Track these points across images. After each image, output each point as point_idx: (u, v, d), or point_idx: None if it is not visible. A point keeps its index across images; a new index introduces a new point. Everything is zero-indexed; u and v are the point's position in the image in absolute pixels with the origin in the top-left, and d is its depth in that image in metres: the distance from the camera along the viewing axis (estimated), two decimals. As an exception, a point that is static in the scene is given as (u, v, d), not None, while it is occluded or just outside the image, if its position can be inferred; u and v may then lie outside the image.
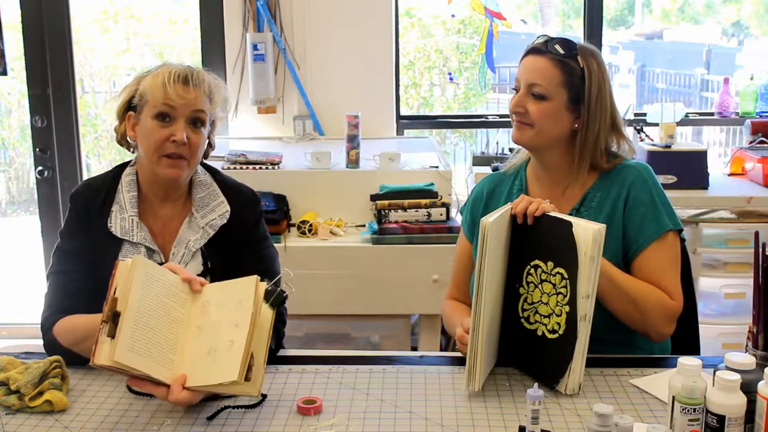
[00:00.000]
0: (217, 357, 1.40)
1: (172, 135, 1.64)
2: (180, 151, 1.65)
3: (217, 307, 1.46)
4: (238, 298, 1.44)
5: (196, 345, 1.43)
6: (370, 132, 3.42)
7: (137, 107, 1.69)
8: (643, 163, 1.82)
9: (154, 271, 1.45)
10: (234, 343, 1.39)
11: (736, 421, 1.21)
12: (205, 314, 1.46)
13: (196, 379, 1.40)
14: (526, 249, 1.58)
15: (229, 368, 1.38)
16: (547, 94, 1.72)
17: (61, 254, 1.72)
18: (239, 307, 1.42)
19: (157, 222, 1.75)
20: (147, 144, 1.67)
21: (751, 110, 3.74)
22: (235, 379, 1.37)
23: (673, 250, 1.74)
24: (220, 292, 1.48)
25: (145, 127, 1.67)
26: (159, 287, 1.44)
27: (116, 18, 5.67)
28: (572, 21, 6.33)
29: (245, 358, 1.38)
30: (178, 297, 1.47)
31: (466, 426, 1.39)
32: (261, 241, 1.79)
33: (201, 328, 1.45)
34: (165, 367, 1.40)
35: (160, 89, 1.63)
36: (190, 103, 1.65)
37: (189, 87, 1.65)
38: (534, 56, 1.75)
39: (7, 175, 6.39)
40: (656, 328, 1.69)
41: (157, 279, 1.45)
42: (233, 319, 1.42)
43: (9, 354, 1.63)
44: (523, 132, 1.76)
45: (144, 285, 1.42)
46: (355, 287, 2.83)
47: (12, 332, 4.05)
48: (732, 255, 3.14)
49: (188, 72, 1.66)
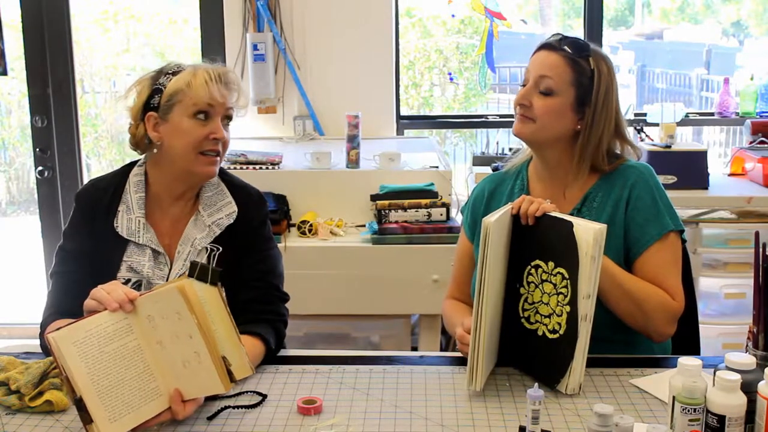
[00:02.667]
0: (193, 369, 1.39)
1: (212, 132, 1.68)
2: (218, 147, 1.70)
3: (163, 320, 1.39)
4: (174, 308, 1.38)
5: (167, 360, 1.40)
6: (370, 132, 3.43)
7: (161, 107, 1.68)
8: (645, 164, 1.82)
9: (78, 335, 1.34)
10: (200, 355, 1.38)
11: (737, 421, 1.21)
12: (156, 328, 1.40)
13: (189, 391, 1.40)
14: (527, 249, 1.58)
15: (211, 381, 1.38)
16: (556, 89, 1.72)
17: (63, 254, 1.72)
18: (181, 318, 1.38)
19: (165, 221, 1.75)
20: (184, 142, 1.67)
21: (751, 110, 3.74)
22: (223, 391, 1.38)
23: (675, 250, 1.74)
24: (154, 303, 1.40)
25: (179, 127, 1.67)
26: (93, 345, 1.35)
27: (116, 18, 5.67)
28: (572, 21, 6.32)
29: (219, 367, 1.37)
30: (121, 331, 1.38)
31: (466, 426, 1.39)
32: (266, 241, 1.80)
33: (161, 343, 1.40)
34: (155, 400, 1.39)
35: (203, 88, 1.66)
36: (227, 101, 1.70)
37: (228, 86, 1.70)
38: (547, 51, 1.75)
39: (7, 175, 6.39)
40: (657, 329, 1.69)
41: (85, 340, 1.35)
42: (183, 330, 1.38)
43: (9, 354, 1.63)
44: (524, 125, 1.76)
45: (80, 356, 1.33)
46: (355, 287, 2.83)
47: (12, 332, 4.05)
48: (732, 255, 3.14)
49: (222, 71, 1.71)
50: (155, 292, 1.41)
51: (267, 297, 1.74)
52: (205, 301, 1.39)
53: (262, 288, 1.74)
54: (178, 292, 1.37)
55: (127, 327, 1.39)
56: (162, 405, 1.39)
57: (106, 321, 1.38)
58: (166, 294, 1.39)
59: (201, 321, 1.38)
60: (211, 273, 1.40)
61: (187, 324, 1.38)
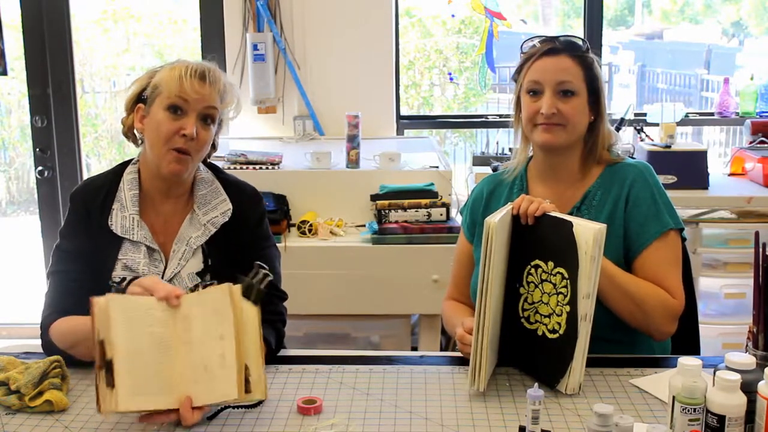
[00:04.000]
0: (213, 372, 1.39)
1: (182, 128, 1.64)
2: (187, 146, 1.65)
3: (198, 321, 1.41)
4: (214, 308, 1.40)
5: (189, 362, 1.41)
6: (370, 132, 3.42)
7: (148, 99, 1.68)
8: (644, 162, 1.83)
9: (130, 305, 1.40)
10: (225, 357, 1.38)
11: (736, 421, 1.21)
12: (188, 330, 1.42)
13: (201, 397, 1.40)
14: (527, 249, 1.58)
15: (227, 385, 1.38)
16: (576, 90, 1.74)
17: (60, 254, 1.72)
18: (218, 318, 1.39)
19: (158, 219, 1.74)
20: (155, 135, 1.66)
21: (751, 110, 3.74)
22: (235, 397, 1.38)
23: (675, 248, 1.74)
24: (197, 303, 1.43)
25: (155, 119, 1.66)
26: (140, 320, 1.40)
27: (116, 18, 5.67)
28: (572, 21, 6.32)
29: (240, 372, 1.37)
30: (160, 320, 1.41)
31: (466, 426, 1.39)
32: (263, 240, 1.79)
33: (189, 344, 1.41)
34: (169, 395, 1.39)
35: (176, 81, 1.63)
36: (203, 98, 1.65)
37: (205, 83, 1.65)
38: (552, 57, 1.75)
39: (7, 175, 6.39)
40: (658, 327, 1.69)
41: (135, 312, 1.39)
42: (216, 331, 1.39)
43: (9, 354, 1.63)
44: (556, 134, 1.74)
45: (125, 323, 1.37)
46: (355, 287, 2.83)
47: (12, 332, 4.05)
48: (732, 255, 3.14)
49: (205, 68, 1.67)
50: (202, 292, 1.44)
51: (266, 297, 1.74)
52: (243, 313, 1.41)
53: (260, 288, 1.73)
54: (227, 291, 1.40)
55: (165, 321, 1.42)
56: (172, 404, 1.39)
57: (153, 305, 1.42)
58: (213, 291, 1.42)
59: (236, 324, 1.39)
60: (256, 292, 1.43)
61: (222, 324, 1.39)
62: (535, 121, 1.75)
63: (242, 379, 1.38)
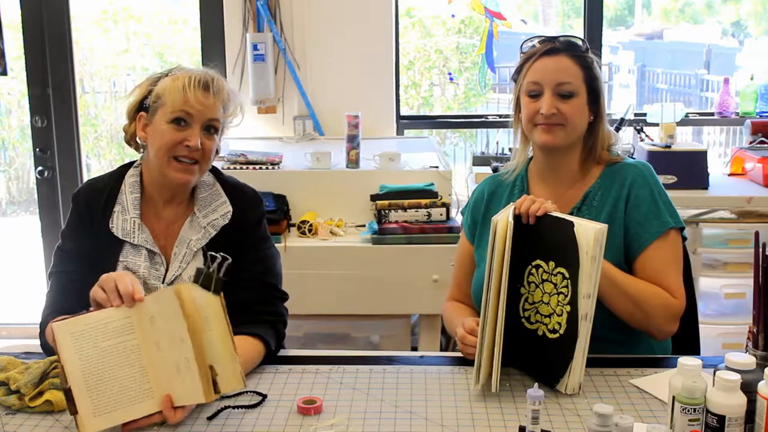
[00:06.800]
0: (183, 374, 1.39)
1: (186, 140, 1.64)
2: (193, 155, 1.66)
3: (163, 321, 1.40)
4: (173, 309, 1.39)
5: (162, 363, 1.40)
6: (370, 132, 3.42)
7: (150, 108, 1.68)
8: (644, 162, 1.83)
9: (78, 327, 1.37)
10: (189, 361, 1.38)
11: (736, 421, 1.21)
12: (156, 329, 1.40)
13: (179, 397, 1.39)
14: (528, 249, 1.57)
15: (194, 389, 1.37)
16: (575, 91, 1.74)
17: (61, 254, 1.72)
18: (177, 319, 1.38)
19: (160, 223, 1.74)
20: (158, 145, 1.66)
21: (751, 110, 3.74)
22: (203, 401, 1.38)
23: (675, 248, 1.74)
24: (156, 303, 1.41)
25: (158, 129, 1.66)
26: (91, 338, 1.38)
27: (116, 18, 5.67)
28: (572, 21, 6.33)
29: (204, 376, 1.37)
30: (122, 328, 1.40)
31: (466, 426, 1.39)
32: (262, 241, 1.79)
33: (158, 344, 1.40)
34: (145, 401, 1.39)
35: (179, 93, 1.63)
36: (207, 110, 1.65)
37: (209, 94, 1.65)
38: (552, 57, 1.75)
39: (7, 175, 6.39)
40: (659, 327, 1.69)
41: (83, 331, 1.37)
42: (178, 333, 1.38)
43: (9, 354, 1.63)
44: (555, 134, 1.74)
45: (74, 346, 1.36)
46: (355, 287, 2.83)
47: (12, 332, 4.05)
48: (732, 255, 3.14)
49: (208, 78, 1.66)
50: (156, 293, 1.42)
51: (266, 297, 1.74)
52: (202, 307, 1.39)
53: (260, 288, 1.74)
54: (174, 293, 1.38)
55: (129, 326, 1.40)
56: (153, 407, 1.39)
57: (109, 317, 1.40)
58: (164, 294, 1.40)
59: (192, 326, 1.37)
60: (215, 282, 1.40)
61: (180, 327, 1.38)
62: (534, 121, 1.75)
63: (208, 381, 1.37)
